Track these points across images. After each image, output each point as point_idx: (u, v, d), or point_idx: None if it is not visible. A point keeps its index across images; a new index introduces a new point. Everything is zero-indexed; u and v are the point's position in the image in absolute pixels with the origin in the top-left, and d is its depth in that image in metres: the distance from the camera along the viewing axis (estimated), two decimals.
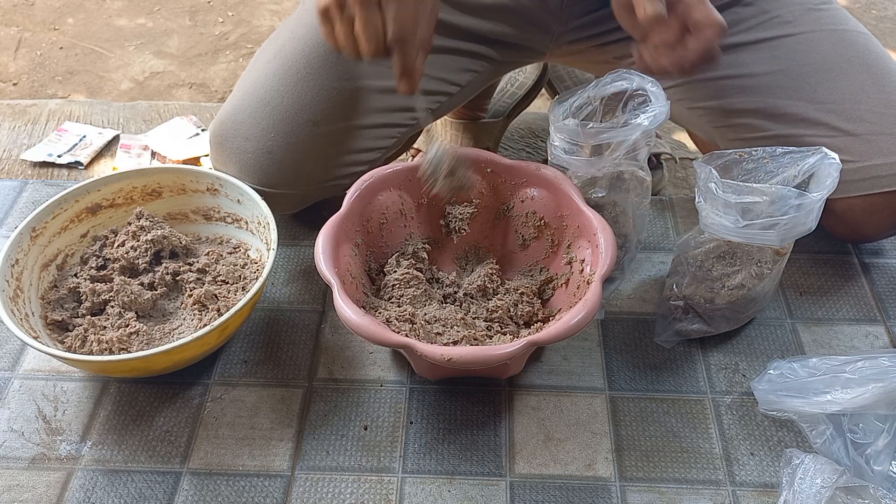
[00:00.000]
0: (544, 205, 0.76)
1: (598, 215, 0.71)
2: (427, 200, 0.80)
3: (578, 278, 0.71)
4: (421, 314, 0.71)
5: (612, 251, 0.67)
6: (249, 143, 0.80)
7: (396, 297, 0.73)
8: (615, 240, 0.68)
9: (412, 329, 0.68)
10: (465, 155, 0.76)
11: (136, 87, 1.56)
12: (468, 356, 0.60)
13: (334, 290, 0.66)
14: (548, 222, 0.76)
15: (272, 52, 0.84)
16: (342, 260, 0.71)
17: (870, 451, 0.64)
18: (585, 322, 0.62)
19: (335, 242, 0.71)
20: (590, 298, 0.63)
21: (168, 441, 0.70)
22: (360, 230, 0.76)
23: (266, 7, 1.80)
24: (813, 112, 0.78)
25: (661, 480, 0.67)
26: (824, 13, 0.81)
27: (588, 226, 0.71)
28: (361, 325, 0.62)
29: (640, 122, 0.68)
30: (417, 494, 0.66)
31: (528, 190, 0.78)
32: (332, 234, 0.71)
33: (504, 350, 0.61)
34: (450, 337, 0.69)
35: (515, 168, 0.77)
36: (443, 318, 0.71)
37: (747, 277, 0.71)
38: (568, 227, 0.74)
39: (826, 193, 0.65)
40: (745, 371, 0.75)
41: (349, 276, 0.71)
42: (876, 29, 1.69)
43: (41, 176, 1.06)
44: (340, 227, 0.72)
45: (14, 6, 1.78)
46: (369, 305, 0.72)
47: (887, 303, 0.81)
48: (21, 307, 0.72)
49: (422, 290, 0.74)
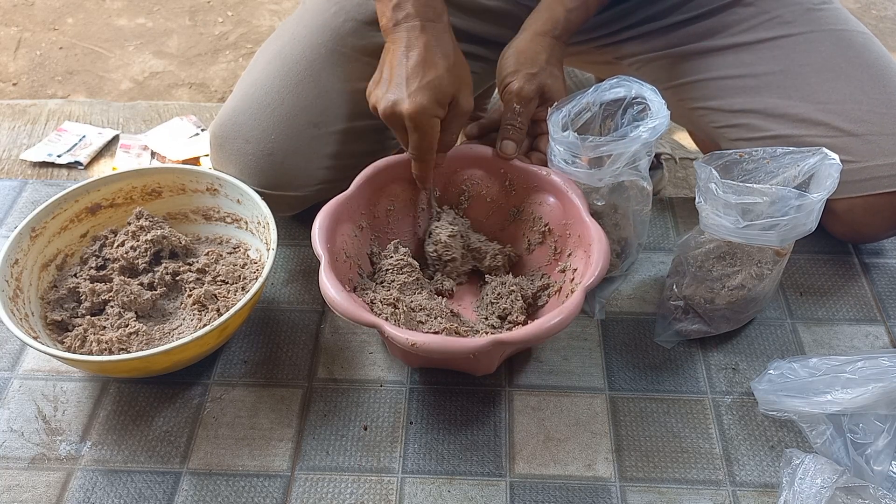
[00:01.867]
0: (550, 211, 0.76)
1: (598, 226, 0.70)
2: (439, 194, 0.81)
3: (569, 287, 0.71)
4: (407, 300, 0.71)
5: (603, 264, 0.67)
6: (250, 144, 0.80)
7: (388, 282, 0.74)
8: (609, 252, 0.68)
9: (393, 313, 0.69)
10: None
11: (136, 87, 1.56)
12: (431, 344, 0.61)
13: (321, 264, 0.67)
14: (552, 229, 0.77)
15: (273, 53, 0.83)
16: (339, 238, 0.72)
17: (870, 451, 0.64)
18: (558, 328, 0.62)
19: (335, 221, 0.72)
20: (567, 306, 0.63)
21: (168, 441, 0.70)
22: (367, 213, 0.77)
23: (266, 7, 1.80)
24: (813, 112, 0.78)
25: (661, 480, 0.67)
26: (825, 13, 0.81)
27: (586, 236, 0.71)
28: (336, 300, 0.64)
29: (640, 133, 0.68)
30: (417, 494, 0.66)
31: (537, 195, 0.78)
32: (333, 212, 0.72)
33: (467, 344, 0.61)
34: (431, 327, 0.70)
35: (527, 172, 0.77)
36: (428, 308, 0.71)
37: (747, 278, 0.71)
38: (570, 235, 0.74)
39: (826, 194, 0.65)
40: (745, 371, 0.75)
41: (343, 255, 0.72)
42: (876, 29, 1.69)
43: (41, 176, 1.06)
44: (344, 206, 0.73)
45: (14, 6, 1.78)
46: (361, 286, 0.73)
47: (887, 303, 0.81)
48: (21, 307, 0.72)
49: (413, 277, 0.75)
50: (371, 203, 0.77)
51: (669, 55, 0.86)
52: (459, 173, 0.80)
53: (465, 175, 0.80)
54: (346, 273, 0.72)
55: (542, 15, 0.78)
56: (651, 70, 0.88)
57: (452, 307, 0.75)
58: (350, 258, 0.74)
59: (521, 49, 0.76)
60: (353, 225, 0.75)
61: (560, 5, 0.78)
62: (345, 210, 0.74)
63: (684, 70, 0.85)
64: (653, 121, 0.69)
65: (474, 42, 0.87)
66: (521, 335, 0.62)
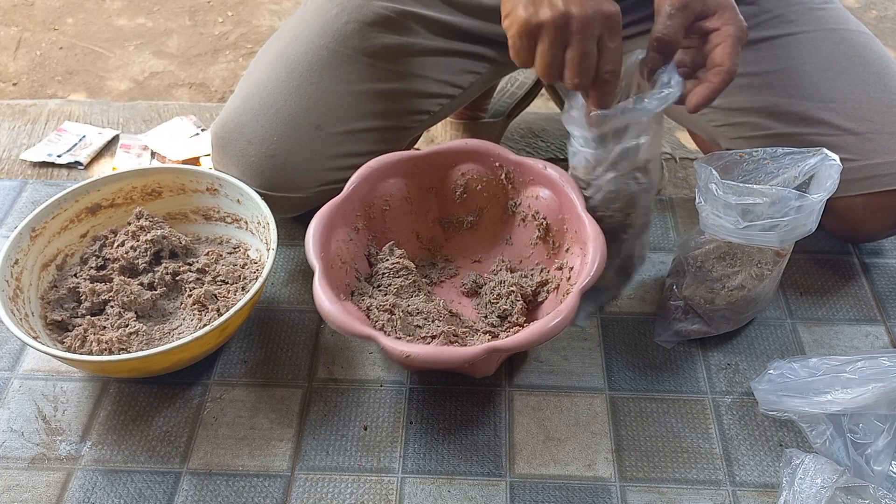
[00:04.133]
0: (547, 205, 0.76)
1: (594, 223, 0.69)
2: (435, 189, 0.80)
3: (566, 286, 0.71)
4: (403, 305, 0.71)
5: (599, 263, 0.66)
6: (252, 146, 0.80)
7: (384, 286, 0.74)
8: (604, 251, 0.66)
9: (390, 320, 0.69)
10: None
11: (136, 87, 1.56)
12: (426, 356, 0.60)
13: (315, 275, 0.67)
14: (550, 224, 0.76)
15: (274, 54, 0.83)
16: (334, 244, 0.72)
17: (870, 451, 0.64)
18: (554, 332, 0.61)
19: (328, 226, 0.71)
20: (562, 310, 0.62)
21: (168, 441, 0.70)
22: (362, 214, 0.77)
23: (266, 7, 1.80)
24: (814, 111, 0.78)
25: (661, 480, 0.67)
26: (826, 13, 0.82)
27: (582, 232, 0.70)
28: (331, 313, 0.64)
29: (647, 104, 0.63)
30: (417, 494, 0.66)
31: (534, 188, 0.77)
32: (327, 218, 0.71)
33: (462, 354, 0.61)
34: (429, 331, 0.69)
35: (523, 165, 0.77)
36: (425, 312, 0.71)
37: (747, 278, 0.71)
38: (567, 230, 0.74)
39: (826, 195, 0.65)
40: (745, 371, 0.75)
41: (339, 261, 0.72)
42: (876, 29, 1.69)
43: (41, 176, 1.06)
44: (337, 210, 0.73)
45: (14, 6, 1.78)
46: (358, 291, 0.73)
47: (887, 303, 0.81)
48: (21, 307, 0.72)
49: (410, 280, 0.75)
50: (366, 204, 0.77)
51: None
52: (455, 168, 0.80)
53: (460, 169, 0.80)
54: (342, 279, 0.71)
55: None
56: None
57: (451, 307, 0.75)
58: (346, 263, 0.73)
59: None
60: (349, 228, 0.75)
61: None
62: (338, 214, 0.73)
63: None
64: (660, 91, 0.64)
65: (476, 42, 0.87)
66: (515, 342, 0.62)
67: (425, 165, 0.78)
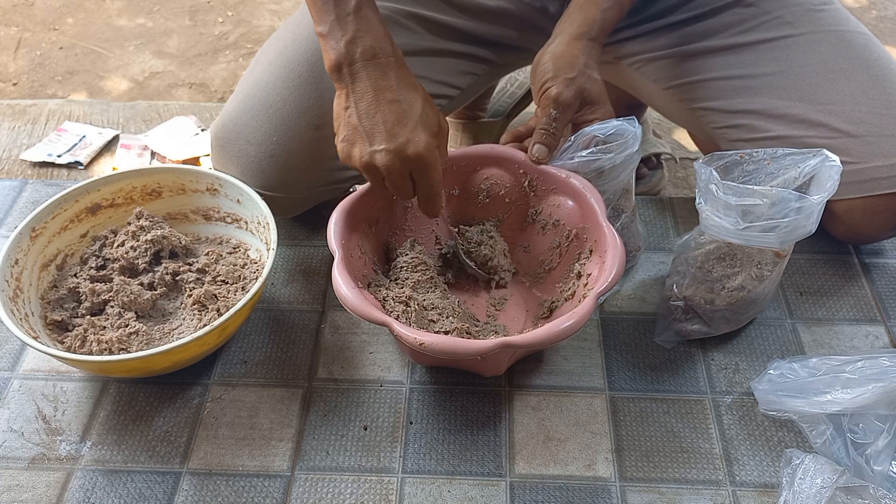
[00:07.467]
0: (568, 214, 0.76)
1: (614, 231, 0.70)
2: (458, 192, 0.81)
3: (582, 292, 0.71)
4: (419, 299, 0.71)
5: (618, 269, 0.66)
6: (252, 146, 0.80)
7: (402, 280, 0.74)
8: (624, 259, 0.67)
9: (405, 311, 0.69)
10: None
11: (136, 87, 1.56)
12: (440, 345, 0.61)
13: (335, 260, 0.67)
14: (569, 232, 0.76)
15: (274, 55, 0.83)
16: (355, 235, 0.73)
17: (870, 451, 0.64)
18: (568, 333, 0.62)
19: (351, 217, 0.72)
20: (578, 311, 0.63)
21: (168, 441, 0.70)
22: (385, 210, 0.77)
23: (266, 7, 1.80)
24: (813, 113, 0.78)
25: (661, 480, 0.67)
26: (825, 14, 0.81)
27: (602, 241, 0.70)
28: (348, 297, 0.64)
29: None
30: (417, 494, 0.66)
31: (556, 197, 0.77)
32: (350, 208, 0.73)
33: (475, 346, 0.61)
34: (442, 326, 0.70)
35: (546, 173, 0.76)
36: (440, 307, 0.71)
37: (747, 279, 0.71)
38: (587, 239, 0.74)
39: (826, 196, 0.65)
40: (745, 371, 0.75)
41: (359, 251, 0.73)
42: (876, 29, 1.69)
43: (41, 176, 1.06)
44: (362, 203, 0.74)
45: (14, 6, 1.78)
46: (375, 282, 0.73)
47: (887, 303, 0.81)
48: (21, 307, 0.72)
49: (428, 276, 0.75)
50: (389, 199, 0.77)
51: (670, 55, 0.86)
52: (479, 172, 0.80)
53: (485, 174, 0.80)
54: (360, 269, 0.72)
55: (576, 17, 0.76)
56: (651, 70, 0.88)
57: (466, 307, 0.75)
58: (365, 254, 0.74)
59: (557, 54, 0.74)
60: (371, 221, 0.76)
61: (594, 6, 0.75)
62: (362, 207, 0.74)
63: (684, 70, 0.85)
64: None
65: (474, 43, 0.87)
66: (529, 339, 0.62)
67: (451, 167, 0.78)
